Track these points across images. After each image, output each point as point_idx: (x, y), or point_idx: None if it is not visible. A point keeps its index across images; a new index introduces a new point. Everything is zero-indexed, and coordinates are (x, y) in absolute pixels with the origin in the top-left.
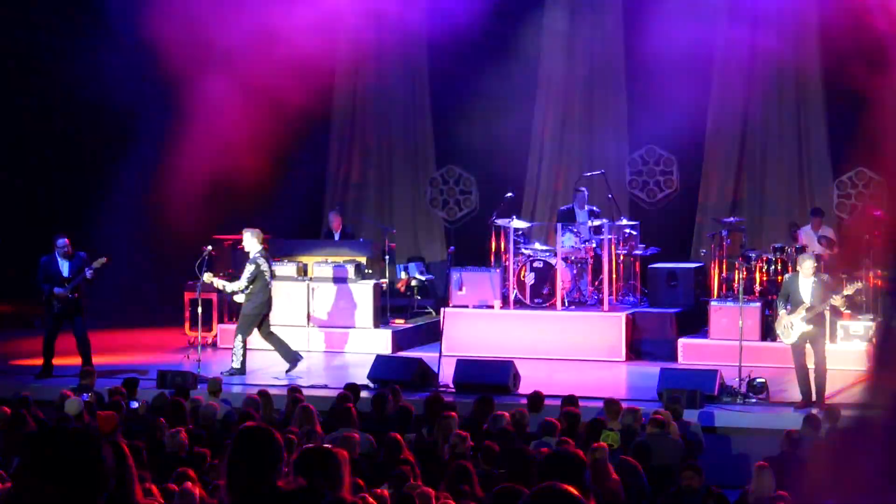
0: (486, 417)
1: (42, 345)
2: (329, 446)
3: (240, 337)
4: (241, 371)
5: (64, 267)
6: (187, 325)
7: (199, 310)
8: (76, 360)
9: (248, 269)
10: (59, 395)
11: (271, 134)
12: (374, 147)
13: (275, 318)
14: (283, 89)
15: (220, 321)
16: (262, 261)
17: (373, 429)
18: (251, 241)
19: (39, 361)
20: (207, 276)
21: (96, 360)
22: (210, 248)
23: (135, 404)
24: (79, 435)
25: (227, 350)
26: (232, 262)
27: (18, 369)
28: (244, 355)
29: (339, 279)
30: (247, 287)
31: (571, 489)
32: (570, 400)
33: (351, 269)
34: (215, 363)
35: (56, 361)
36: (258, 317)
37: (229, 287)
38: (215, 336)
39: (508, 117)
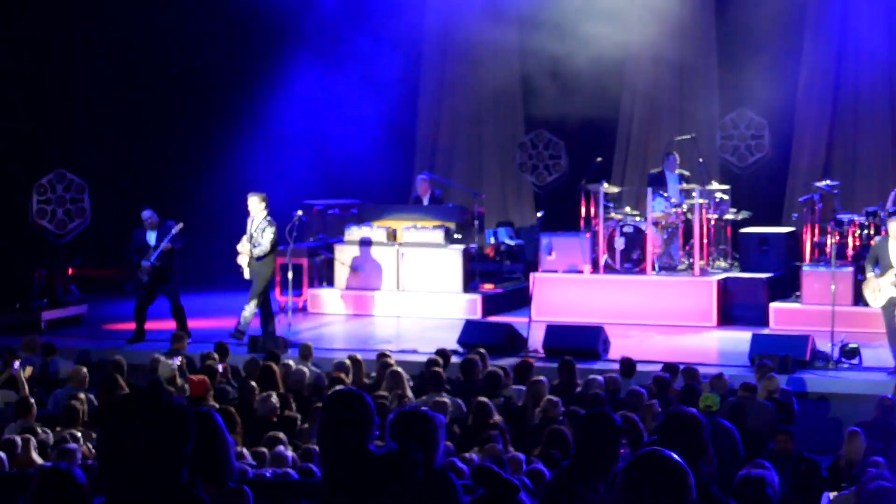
0: (570, 382)
1: (134, 311)
2: (425, 409)
3: (253, 301)
4: (244, 333)
5: (151, 238)
6: (278, 289)
7: (290, 274)
8: (169, 325)
9: (269, 232)
10: (151, 359)
11: (361, 98)
12: (463, 112)
13: (366, 283)
14: (374, 55)
15: (311, 285)
16: (275, 224)
17: (462, 393)
18: (259, 205)
19: (132, 326)
20: (241, 246)
21: (190, 324)
22: (300, 212)
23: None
24: (170, 399)
25: (318, 315)
26: (323, 227)
27: (111, 334)
28: (249, 321)
29: (429, 244)
30: (271, 251)
31: (673, 455)
32: (669, 368)
33: (440, 234)
34: (306, 328)
35: (150, 326)
36: (269, 281)
37: (255, 252)
38: (306, 300)
39: (598, 81)
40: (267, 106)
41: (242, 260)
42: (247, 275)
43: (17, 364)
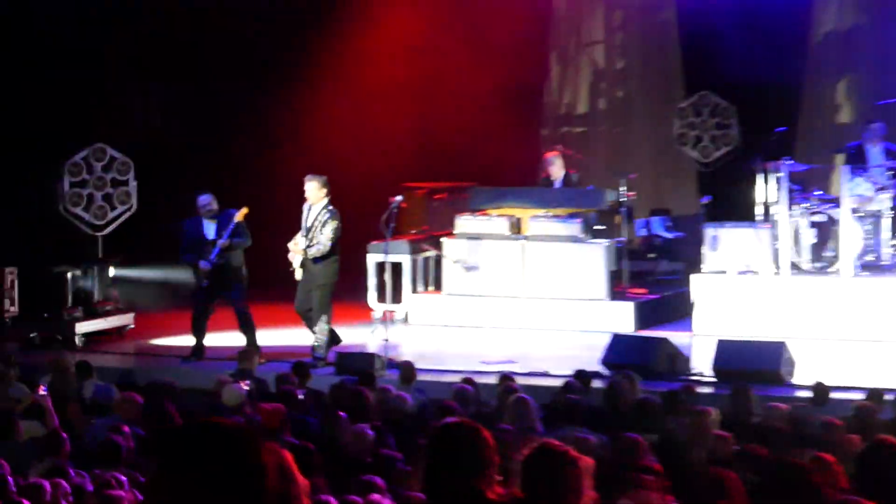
0: (744, 412)
1: (191, 322)
2: (567, 449)
3: (325, 317)
4: (325, 358)
5: (210, 230)
6: (372, 294)
7: (388, 276)
8: (235, 340)
9: (330, 226)
10: (214, 381)
11: (474, 60)
12: (605, 70)
13: (482, 287)
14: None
15: (414, 290)
16: (338, 216)
17: (606, 427)
18: (319, 192)
19: (188, 341)
20: (294, 244)
21: (261, 340)
22: (400, 198)
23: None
24: (236, 432)
25: (422, 327)
26: (428, 216)
27: (162, 351)
28: (331, 339)
29: (563, 238)
30: (332, 250)
31: None
32: (874, 394)
33: (577, 226)
34: (408, 343)
35: (210, 342)
36: (335, 286)
37: (312, 252)
38: (407, 309)
39: (779, 30)
40: (351, 66)
41: (296, 258)
42: (298, 275)
43: (42, 390)
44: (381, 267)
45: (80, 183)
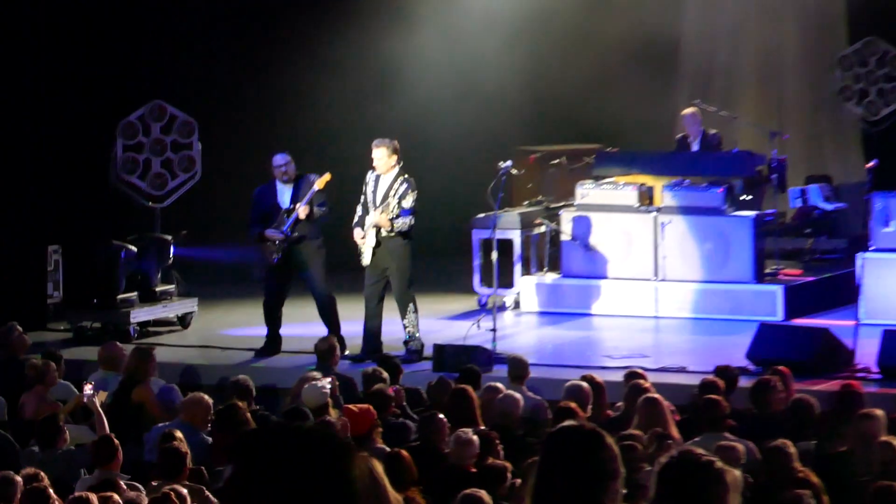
0: None
1: (263, 309)
2: (709, 458)
3: (412, 305)
4: (421, 353)
5: (285, 196)
6: (477, 277)
7: (495, 255)
8: (316, 329)
9: (412, 197)
10: (296, 379)
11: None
12: (752, 13)
13: (606, 268)
14: None
15: (526, 271)
16: (415, 185)
17: (753, 433)
18: (389, 159)
19: (260, 331)
20: (372, 217)
21: (343, 329)
22: (510, 163)
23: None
24: (319, 438)
25: (536, 315)
26: (543, 185)
27: (232, 343)
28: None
29: (702, 210)
30: (411, 224)
31: None
32: None
33: (719, 196)
34: (519, 334)
35: (287, 332)
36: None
37: (398, 224)
38: (517, 293)
39: None
40: (448, 5)
41: (367, 240)
42: (367, 259)
43: (88, 388)
44: (487, 245)
45: (136, 147)
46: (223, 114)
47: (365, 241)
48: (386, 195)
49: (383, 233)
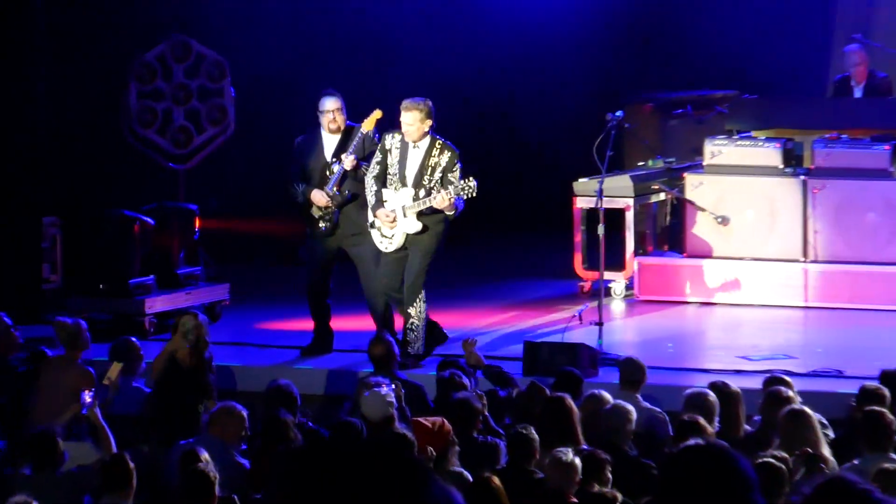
0: None
1: (307, 296)
2: (870, 487)
3: (422, 294)
4: (424, 355)
5: (328, 146)
6: (579, 257)
7: (601, 229)
8: (360, 323)
9: (458, 170)
10: (357, 384)
11: None
12: None
13: (743, 246)
14: None
15: (641, 250)
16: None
17: None
18: (423, 123)
19: (306, 325)
20: (401, 196)
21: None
22: (620, 114)
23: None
24: (386, 459)
25: (653, 305)
26: (662, 141)
27: (274, 340)
28: (426, 327)
29: (864, 172)
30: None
31: None
32: None
33: (885, 154)
34: (632, 329)
35: (339, 324)
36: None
37: (439, 201)
38: (629, 277)
39: None
40: None
41: (401, 225)
42: (396, 245)
43: (88, 396)
44: (592, 217)
45: (154, 93)
46: (261, 51)
47: (395, 226)
48: (422, 169)
49: (425, 213)
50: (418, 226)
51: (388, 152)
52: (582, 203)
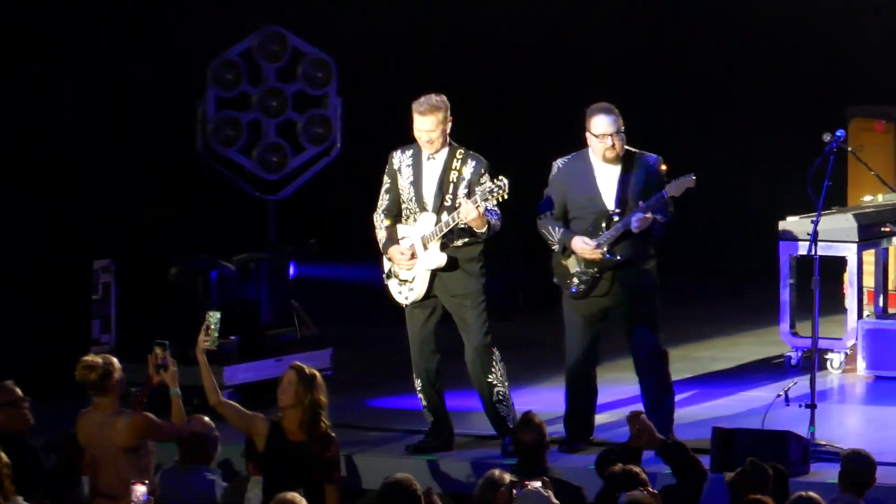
0: None
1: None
2: None
3: (496, 353)
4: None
5: (607, 190)
6: (785, 317)
7: (816, 283)
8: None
9: (499, 190)
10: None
11: None
12: None
13: None
14: None
15: (867, 309)
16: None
17: None
18: (446, 125)
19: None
20: (423, 224)
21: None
22: (841, 134)
23: None
24: None
25: (883, 381)
26: None
27: (387, 420)
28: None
29: None
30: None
31: None
32: None
33: None
34: (856, 414)
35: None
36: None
37: (463, 212)
38: (852, 346)
39: None
40: None
41: (423, 261)
42: (421, 292)
43: (141, 491)
44: (803, 266)
45: (238, 101)
46: (375, 49)
47: (415, 264)
48: (442, 186)
49: (452, 244)
50: (443, 258)
51: (397, 174)
52: (790, 249)
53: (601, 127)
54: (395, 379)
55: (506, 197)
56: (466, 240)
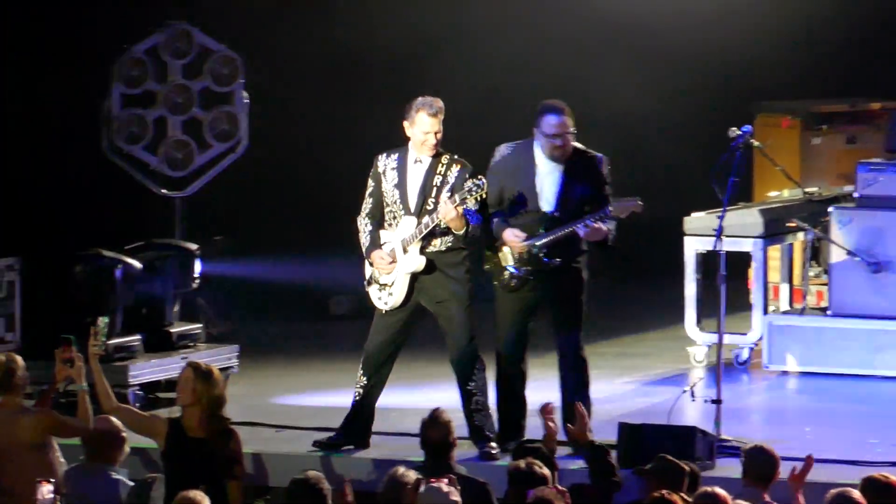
0: None
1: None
2: None
3: (479, 361)
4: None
5: (547, 188)
6: (692, 314)
7: (722, 278)
8: (425, 396)
9: (476, 189)
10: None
11: None
12: None
13: None
14: None
15: (771, 308)
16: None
17: None
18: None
19: (341, 399)
20: (404, 229)
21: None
22: (748, 129)
23: None
24: None
25: (787, 376)
26: (802, 164)
27: (293, 417)
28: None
29: None
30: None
31: None
32: None
33: None
34: (760, 409)
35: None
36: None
37: (442, 212)
38: (757, 341)
39: None
40: None
41: (403, 265)
42: (399, 298)
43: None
44: (709, 262)
45: (144, 98)
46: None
47: (395, 268)
48: (425, 189)
49: (433, 248)
50: (422, 261)
51: (381, 178)
52: (695, 245)
53: (552, 126)
54: (301, 376)
55: (484, 196)
56: (449, 244)
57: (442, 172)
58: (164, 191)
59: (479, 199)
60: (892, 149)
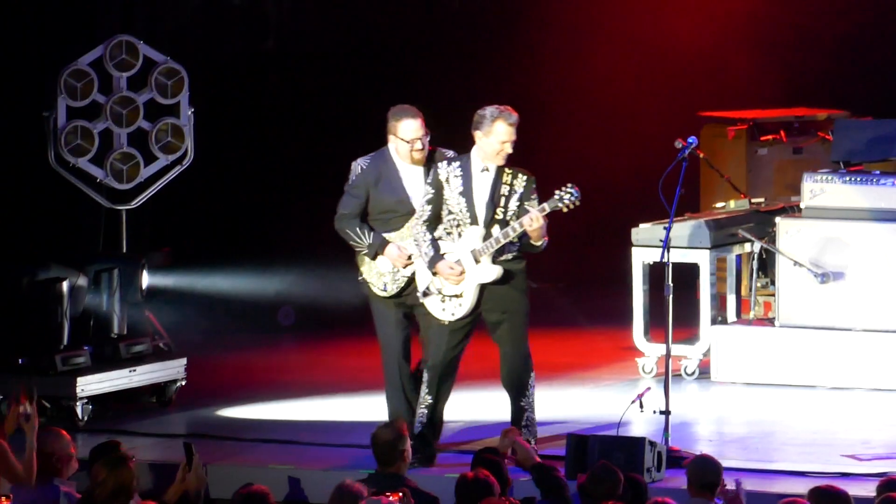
0: None
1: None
2: None
3: (531, 377)
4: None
5: (414, 183)
6: (639, 324)
7: (668, 289)
8: (358, 406)
9: (570, 197)
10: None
11: None
12: None
13: (854, 314)
14: None
15: (720, 317)
16: None
17: None
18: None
19: (287, 411)
20: (471, 236)
21: None
22: (693, 140)
23: None
24: None
25: (734, 388)
26: (748, 175)
27: (240, 430)
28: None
29: None
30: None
31: None
32: None
33: None
34: (708, 420)
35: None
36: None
37: (528, 221)
38: (704, 353)
39: None
40: None
41: (472, 276)
42: (466, 308)
43: None
44: (656, 273)
45: (89, 110)
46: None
47: (463, 279)
48: (494, 199)
49: (502, 258)
50: (497, 271)
51: (444, 185)
52: (643, 255)
53: (411, 132)
54: (248, 389)
55: (577, 204)
56: (515, 253)
57: (509, 182)
58: (109, 203)
59: (572, 206)
60: (837, 159)
